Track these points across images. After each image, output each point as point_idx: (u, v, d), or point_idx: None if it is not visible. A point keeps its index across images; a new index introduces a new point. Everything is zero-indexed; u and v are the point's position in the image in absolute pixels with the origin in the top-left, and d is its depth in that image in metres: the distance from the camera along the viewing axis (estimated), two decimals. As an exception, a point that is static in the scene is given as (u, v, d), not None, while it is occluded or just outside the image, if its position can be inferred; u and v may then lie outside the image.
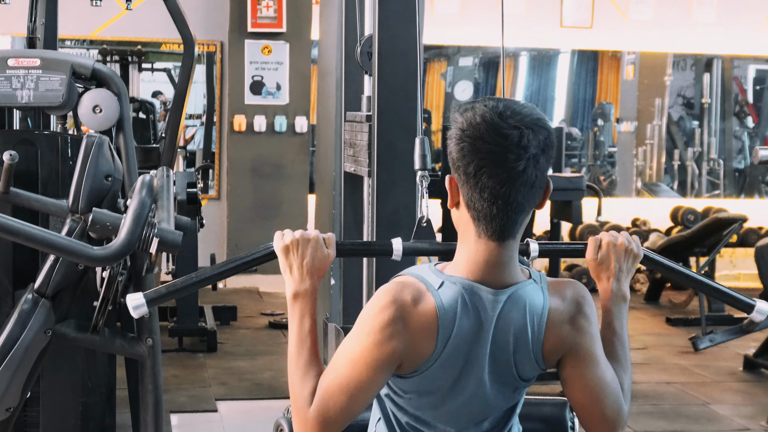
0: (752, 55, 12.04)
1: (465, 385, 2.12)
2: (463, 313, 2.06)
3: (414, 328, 2.04)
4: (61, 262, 3.08)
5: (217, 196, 9.92)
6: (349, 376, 2.06)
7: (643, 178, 11.92)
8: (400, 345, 2.04)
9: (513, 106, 2.05)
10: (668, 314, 8.94)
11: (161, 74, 10.63)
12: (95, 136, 3.13)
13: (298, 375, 2.14)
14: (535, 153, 2.02)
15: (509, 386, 2.16)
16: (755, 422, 5.75)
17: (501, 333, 2.09)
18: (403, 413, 2.18)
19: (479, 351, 2.09)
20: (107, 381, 3.72)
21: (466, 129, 2.03)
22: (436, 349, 2.06)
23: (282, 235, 2.23)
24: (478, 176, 2.03)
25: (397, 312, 2.04)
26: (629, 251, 2.33)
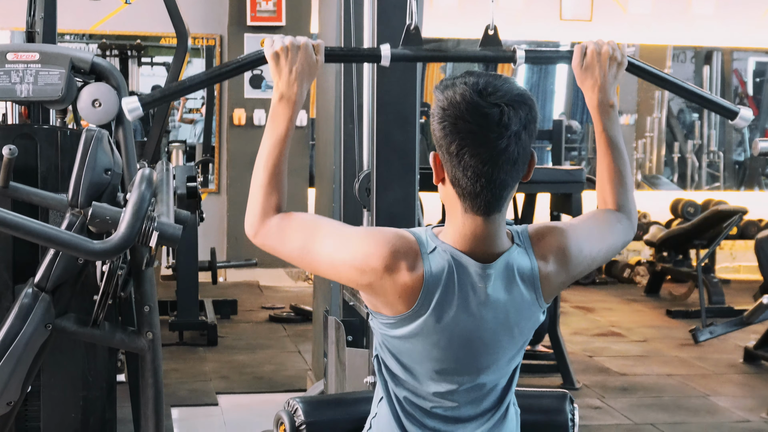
0: (752, 47, 12.03)
1: (453, 352, 2.14)
2: (449, 282, 2.09)
3: (397, 283, 2.08)
4: (60, 257, 3.08)
5: (216, 190, 9.92)
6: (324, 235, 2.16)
7: (643, 170, 11.92)
8: (377, 275, 2.09)
9: (493, 82, 2.06)
10: (668, 307, 8.94)
11: (160, 68, 10.63)
12: (94, 130, 3.13)
13: (265, 178, 2.25)
14: (516, 130, 2.04)
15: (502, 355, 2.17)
16: (755, 414, 5.76)
17: (491, 304, 2.11)
18: (400, 387, 2.19)
19: (468, 321, 2.11)
20: (108, 375, 3.73)
21: (447, 108, 2.05)
22: (415, 306, 2.09)
23: (272, 41, 2.26)
24: (460, 155, 2.05)
25: (389, 261, 2.08)
26: (613, 59, 2.38)
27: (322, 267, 2.18)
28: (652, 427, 5.46)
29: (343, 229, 2.18)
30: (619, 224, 2.34)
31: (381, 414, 2.23)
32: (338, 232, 2.16)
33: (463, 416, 2.20)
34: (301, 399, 2.47)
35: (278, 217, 2.23)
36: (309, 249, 2.16)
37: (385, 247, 2.09)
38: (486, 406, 2.22)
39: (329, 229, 2.18)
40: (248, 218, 2.25)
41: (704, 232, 8.94)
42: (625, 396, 6.04)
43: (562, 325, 6.78)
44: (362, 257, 2.09)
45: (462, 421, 2.20)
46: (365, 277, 2.10)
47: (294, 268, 9.79)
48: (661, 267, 9.60)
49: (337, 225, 2.20)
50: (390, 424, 2.21)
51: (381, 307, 2.14)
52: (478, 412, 2.21)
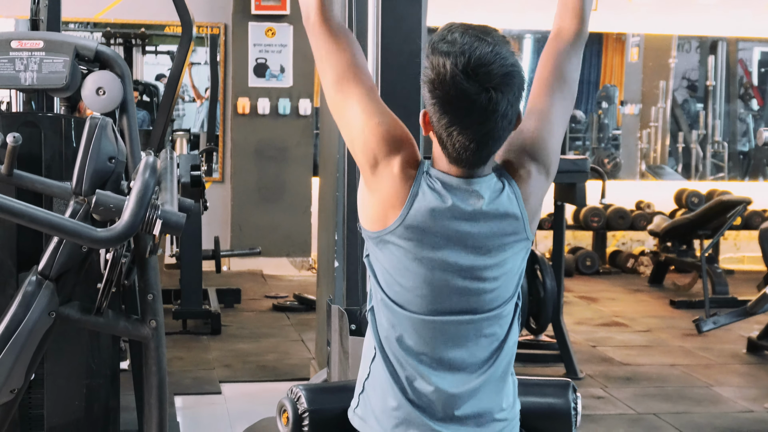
0: (757, 37, 12.02)
1: (436, 270, 2.17)
2: (435, 202, 2.16)
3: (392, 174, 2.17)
4: (64, 244, 3.08)
5: (221, 178, 9.92)
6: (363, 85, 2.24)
7: (647, 160, 11.91)
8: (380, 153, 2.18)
9: (483, 56, 2.07)
10: (672, 297, 8.94)
11: (165, 57, 10.62)
12: (98, 118, 3.13)
13: None
14: (504, 111, 2.10)
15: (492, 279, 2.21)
16: (758, 404, 5.76)
17: (478, 217, 2.17)
18: (391, 325, 2.20)
19: (450, 242, 2.16)
20: (111, 363, 3.73)
21: (437, 86, 2.10)
22: (400, 215, 2.15)
23: None
24: (449, 130, 2.12)
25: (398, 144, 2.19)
26: None
27: (341, 112, 2.26)
28: (655, 416, 5.47)
29: (377, 97, 2.24)
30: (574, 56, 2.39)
31: (375, 373, 2.24)
32: (372, 96, 2.23)
33: (458, 362, 2.20)
34: (304, 387, 2.47)
35: (337, 23, 2.29)
36: (342, 86, 2.24)
37: (397, 141, 2.19)
38: (480, 355, 2.21)
39: (368, 86, 2.24)
40: (306, 6, 2.30)
41: (708, 223, 8.94)
42: (628, 386, 6.04)
43: (566, 315, 6.79)
44: (377, 135, 2.18)
45: (457, 369, 2.20)
46: (367, 155, 2.19)
47: (297, 257, 9.80)
48: (665, 257, 9.60)
49: (373, 89, 2.25)
50: (384, 379, 2.21)
51: (369, 217, 2.20)
52: (473, 359, 2.21)
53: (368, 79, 2.25)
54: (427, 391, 2.20)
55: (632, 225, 10.35)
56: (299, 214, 9.72)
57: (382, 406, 2.22)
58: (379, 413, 2.23)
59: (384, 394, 2.22)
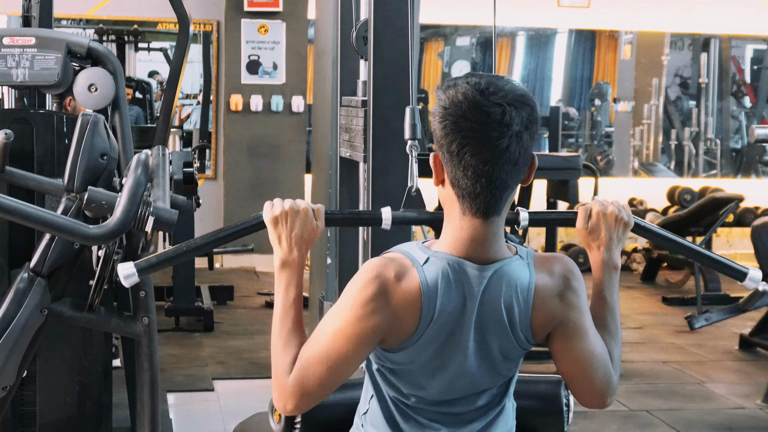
0: (750, 34, 12.03)
1: (451, 360, 2.11)
2: (447, 288, 2.06)
3: (397, 305, 2.05)
4: (56, 241, 3.07)
5: (213, 175, 9.92)
6: (329, 348, 2.06)
7: (640, 157, 11.93)
8: (382, 321, 2.04)
9: (496, 82, 2.04)
10: (664, 294, 8.96)
11: (157, 54, 10.61)
12: (91, 115, 3.13)
13: (280, 343, 2.13)
14: (518, 130, 2.02)
15: (496, 363, 2.16)
16: (750, 401, 5.77)
17: (487, 309, 2.09)
18: (394, 390, 2.18)
19: (464, 326, 2.09)
20: (103, 360, 3.73)
21: (448, 107, 2.03)
22: (420, 325, 2.06)
23: (272, 205, 2.22)
24: (461, 155, 2.03)
25: (380, 288, 2.04)
26: (620, 220, 2.29)
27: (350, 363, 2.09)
28: (647, 413, 5.48)
29: (332, 320, 2.09)
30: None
31: (373, 410, 2.23)
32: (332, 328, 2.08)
33: (459, 414, 2.20)
34: (296, 384, 2.46)
35: (290, 376, 2.10)
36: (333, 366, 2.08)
37: (371, 282, 2.04)
38: (481, 406, 2.22)
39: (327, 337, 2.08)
40: (275, 392, 2.13)
41: (701, 220, 8.95)
42: (620, 382, 6.03)
43: (559, 312, 6.79)
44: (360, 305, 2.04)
45: (458, 421, 2.20)
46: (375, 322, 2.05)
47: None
48: (658, 254, 9.61)
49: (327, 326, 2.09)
50: (383, 421, 2.20)
51: (392, 338, 2.09)
52: (473, 410, 2.21)
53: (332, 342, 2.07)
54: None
55: (625, 222, 10.34)
56: (292, 211, 9.70)
57: None
58: None
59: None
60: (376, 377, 2.20)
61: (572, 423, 2.63)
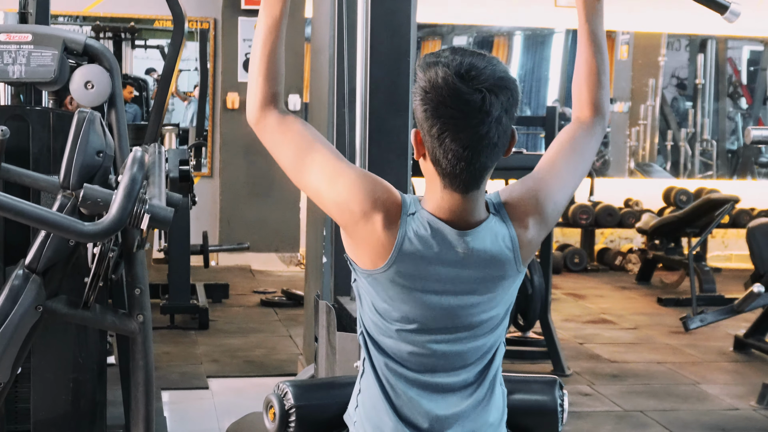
0: (746, 36, 12.04)
1: (425, 308, 2.15)
2: (425, 244, 2.11)
3: (371, 236, 2.11)
4: (52, 238, 3.07)
5: (209, 173, 9.91)
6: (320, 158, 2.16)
7: (636, 158, 11.93)
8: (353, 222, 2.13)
9: (476, 63, 2.05)
10: (660, 294, 8.96)
11: (154, 51, 10.59)
12: (87, 112, 3.12)
13: (261, 67, 2.24)
14: (498, 115, 2.05)
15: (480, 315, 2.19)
16: (745, 402, 5.78)
17: (469, 261, 2.13)
18: (383, 354, 2.19)
19: (442, 277, 2.13)
20: (98, 357, 3.72)
21: (428, 91, 2.06)
22: (386, 264, 2.11)
23: None
24: (441, 138, 2.06)
25: (370, 209, 2.11)
26: None
27: (307, 189, 2.20)
28: (641, 413, 5.48)
29: (336, 162, 2.17)
30: (591, 138, 2.34)
31: (365, 388, 2.24)
32: (331, 163, 2.16)
33: (446, 386, 2.20)
34: (291, 383, 2.47)
35: (277, 116, 2.23)
36: (299, 167, 2.18)
37: (369, 195, 2.11)
38: (468, 378, 2.22)
39: (324, 154, 2.17)
40: (248, 106, 2.27)
41: (696, 221, 8.96)
42: (615, 383, 6.06)
43: (554, 312, 6.80)
44: (345, 197, 2.12)
45: (445, 391, 2.21)
46: (344, 216, 2.13)
47: (286, 253, 9.79)
48: (653, 255, 9.62)
49: (331, 154, 2.18)
50: (375, 396, 2.21)
51: (357, 255, 2.17)
52: (460, 382, 2.21)
53: (323, 146, 2.19)
54: (417, 412, 2.20)
55: (620, 222, 10.36)
56: (288, 209, 9.71)
57: (376, 423, 2.23)
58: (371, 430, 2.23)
59: (377, 412, 2.22)
60: (368, 345, 2.23)
61: (566, 423, 2.63)
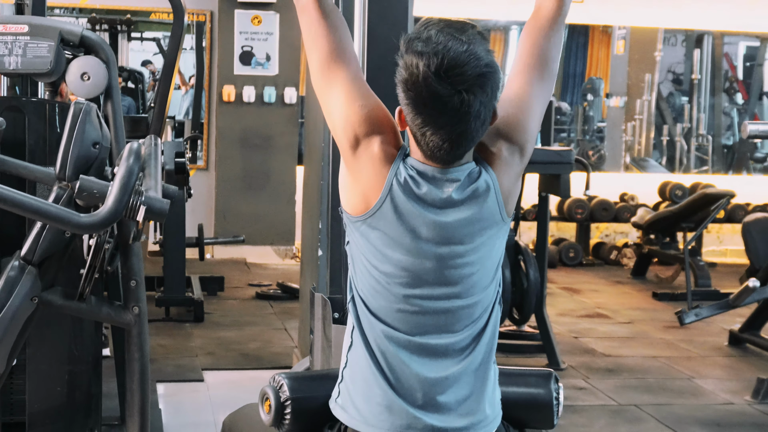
0: (743, 31, 12.04)
1: (415, 258, 2.18)
2: (411, 187, 2.16)
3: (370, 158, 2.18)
4: (47, 230, 3.07)
5: (205, 166, 9.90)
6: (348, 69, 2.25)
7: (631, 153, 11.94)
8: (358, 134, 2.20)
9: (458, 59, 2.06)
10: (654, 289, 8.97)
11: (150, 44, 10.58)
12: (83, 104, 3.12)
13: None
14: (477, 111, 2.09)
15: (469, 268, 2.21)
16: (739, 396, 5.79)
17: (455, 207, 2.17)
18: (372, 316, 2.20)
19: (427, 228, 2.16)
20: (93, 349, 3.72)
21: (409, 87, 2.11)
22: (376, 204, 2.16)
23: None
24: (422, 131, 2.12)
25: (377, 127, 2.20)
26: None
27: (325, 97, 2.27)
28: (636, 408, 5.49)
29: (360, 82, 2.25)
30: (556, 37, 2.35)
31: (353, 360, 2.24)
32: (357, 82, 2.24)
33: (438, 348, 2.20)
34: (286, 375, 2.47)
35: (328, 8, 2.26)
36: (325, 71, 2.25)
37: (385, 117, 2.20)
38: (461, 341, 2.22)
39: (351, 71, 2.24)
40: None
41: (691, 215, 8.96)
42: (610, 377, 6.06)
43: (549, 306, 6.80)
44: (359, 116, 2.19)
45: (437, 355, 2.21)
46: (350, 135, 2.19)
47: (281, 246, 9.79)
48: (648, 249, 9.62)
49: (358, 71, 2.26)
50: (364, 367, 2.21)
51: (351, 197, 2.21)
52: (452, 345, 2.21)
53: (354, 62, 2.26)
54: (408, 376, 2.20)
55: (616, 217, 10.37)
56: (283, 202, 9.71)
57: (363, 394, 2.23)
58: (360, 402, 2.23)
59: (365, 382, 2.22)
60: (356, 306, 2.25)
61: (561, 417, 2.63)
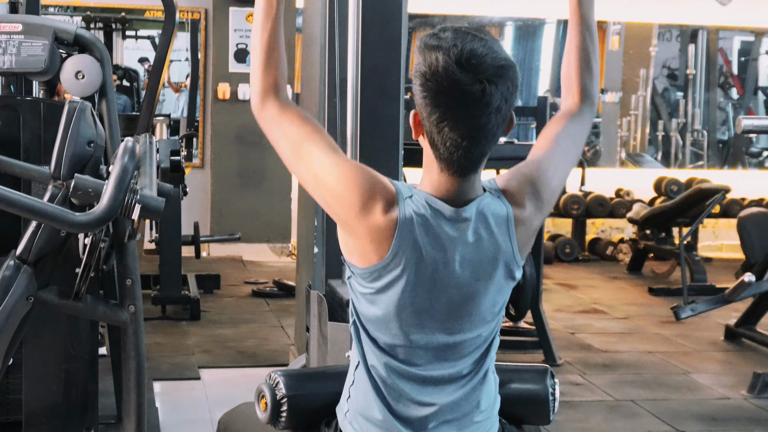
0: (737, 26, 12.05)
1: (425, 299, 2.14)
2: (423, 224, 2.10)
3: (372, 223, 2.10)
4: (43, 229, 3.07)
5: (201, 164, 9.90)
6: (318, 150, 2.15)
7: (627, 148, 11.94)
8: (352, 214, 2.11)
9: (477, 49, 2.04)
10: (650, 284, 8.98)
11: (145, 42, 10.58)
12: (77, 102, 3.12)
13: (260, 55, 2.23)
14: (497, 105, 2.05)
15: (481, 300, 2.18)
16: (735, 391, 5.80)
17: (468, 247, 2.13)
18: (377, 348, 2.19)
19: (440, 266, 2.12)
20: (90, 348, 3.72)
21: (428, 79, 2.05)
22: (388, 255, 2.10)
23: None
24: (440, 126, 2.06)
25: (368, 197, 2.10)
26: None
27: (305, 181, 2.19)
28: (632, 403, 5.49)
29: (334, 154, 2.16)
30: (580, 125, 2.36)
31: (359, 380, 2.24)
32: (329, 155, 2.15)
33: (441, 378, 2.20)
34: (282, 372, 2.47)
35: (277, 106, 2.21)
36: (297, 158, 2.17)
37: (366, 187, 2.10)
38: (463, 369, 2.21)
39: (322, 146, 2.16)
40: (251, 95, 2.25)
41: (687, 211, 8.97)
42: (606, 372, 6.07)
43: (545, 302, 6.81)
44: (342, 189, 2.11)
45: (440, 383, 2.20)
46: (342, 210, 2.12)
47: (277, 243, 9.79)
48: (644, 245, 9.63)
49: (329, 147, 2.17)
50: (367, 389, 2.21)
51: (355, 255, 2.15)
52: (454, 374, 2.21)
53: (321, 138, 2.18)
54: (411, 405, 2.20)
55: (612, 212, 10.37)
56: (279, 200, 9.71)
57: (366, 415, 2.22)
58: (363, 422, 2.23)
59: (368, 404, 2.21)
60: (360, 338, 2.22)
61: (558, 412, 2.64)
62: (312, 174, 2.16)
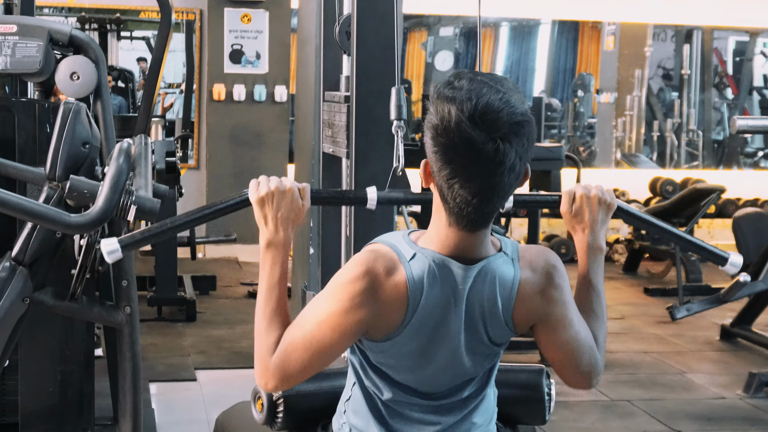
0: (732, 26, 12.07)
1: (436, 354, 2.12)
2: (433, 285, 2.05)
3: (384, 300, 2.04)
4: (38, 230, 3.06)
5: (196, 165, 9.90)
6: (313, 336, 2.06)
7: (622, 148, 11.96)
8: (368, 314, 2.04)
9: (493, 104, 1.94)
10: (646, 284, 8.99)
11: (140, 43, 10.57)
12: (72, 103, 3.12)
13: (264, 323, 2.14)
14: (511, 164, 1.97)
15: (483, 354, 2.16)
16: (731, 391, 5.80)
17: (472, 306, 2.09)
18: (375, 387, 2.18)
19: (450, 323, 2.09)
20: (85, 349, 3.71)
21: (440, 133, 1.96)
22: (405, 318, 2.06)
23: (257, 184, 2.21)
24: (450, 183, 1.98)
25: (369, 283, 2.03)
26: (603, 202, 2.31)
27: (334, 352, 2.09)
28: (628, 403, 5.50)
29: (318, 308, 2.08)
30: None
31: (356, 397, 2.23)
32: (318, 316, 2.07)
33: (442, 406, 2.20)
34: (278, 373, 2.46)
35: (273, 356, 2.12)
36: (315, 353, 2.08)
37: (361, 277, 2.03)
38: (463, 397, 2.21)
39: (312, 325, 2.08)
40: (256, 369, 2.15)
41: (682, 211, 8.98)
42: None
43: (541, 302, 6.81)
44: (348, 299, 2.03)
45: (441, 412, 2.20)
46: (361, 316, 2.04)
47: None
48: (639, 245, 9.64)
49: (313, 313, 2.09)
50: (365, 408, 2.20)
51: (377, 331, 2.09)
52: (457, 401, 2.20)
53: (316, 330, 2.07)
54: (411, 425, 2.19)
55: (607, 213, 10.36)
56: (275, 200, 9.70)
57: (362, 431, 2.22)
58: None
59: (366, 422, 2.21)
60: (360, 374, 2.20)
61: (553, 412, 2.64)
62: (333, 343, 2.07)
